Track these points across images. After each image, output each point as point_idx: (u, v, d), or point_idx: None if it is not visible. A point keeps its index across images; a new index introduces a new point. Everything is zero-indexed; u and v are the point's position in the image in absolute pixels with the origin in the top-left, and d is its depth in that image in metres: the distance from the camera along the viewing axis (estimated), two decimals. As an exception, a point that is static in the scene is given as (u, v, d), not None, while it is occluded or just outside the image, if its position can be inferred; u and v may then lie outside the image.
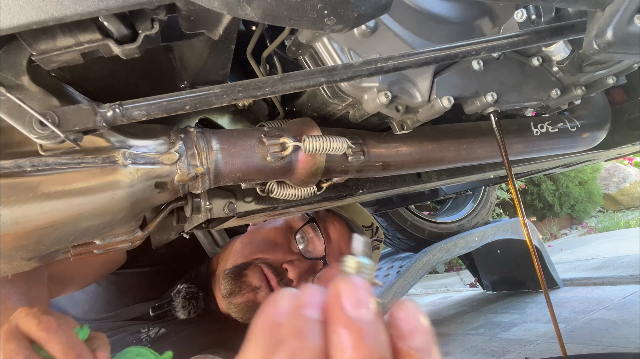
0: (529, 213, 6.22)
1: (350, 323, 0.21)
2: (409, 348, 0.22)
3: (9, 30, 0.40)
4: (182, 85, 0.71)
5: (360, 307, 0.22)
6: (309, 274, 1.12)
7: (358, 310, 0.22)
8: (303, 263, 1.11)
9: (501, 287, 3.26)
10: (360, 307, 0.22)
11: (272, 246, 1.13)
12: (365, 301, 0.22)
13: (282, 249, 1.13)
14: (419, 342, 0.22)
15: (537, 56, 0.83)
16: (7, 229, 0.51)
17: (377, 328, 0.21)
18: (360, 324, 0.21)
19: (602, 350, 1.82)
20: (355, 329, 0.21)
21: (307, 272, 1.12)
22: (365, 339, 0.21)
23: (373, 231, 1.24)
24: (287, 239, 1.16)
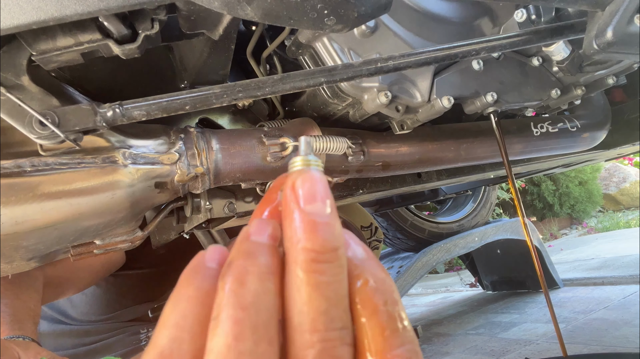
0: (529, 213, 6.22)
1: (304, 213, 0.21)
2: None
3: (9, 30, 0.40)
4: (182, 85, 0.71)
5: (315, 200, 0.21)
6: None
7: (312, 203, 0.21)
8: None
9: (501, 287, 3.26)
10: (315, 200, 0.21)
11: None
12: (319, 194, 0.21)
13: None
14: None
15: (537, 56, 0.83)
16: (7, 229, 0.51)
17: (332, 220, 0.21)
18: (315, 216, 0.21)
19: (602, 350, 1.82)
20: (309, 219, 0.21)
21: None
22: (320, 230, 0.20)
23: (372, 231, 1.24)
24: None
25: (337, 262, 0.21)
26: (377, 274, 0.22)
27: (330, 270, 0.21)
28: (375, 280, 0.22)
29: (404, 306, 0.22)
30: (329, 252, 0.21)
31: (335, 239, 0.21)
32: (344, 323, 0.20)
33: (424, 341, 2.46)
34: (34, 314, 0.83)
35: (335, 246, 0.21)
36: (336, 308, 0.20)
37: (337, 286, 0.21)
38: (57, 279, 0.99)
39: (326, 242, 0.21)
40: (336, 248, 0.21)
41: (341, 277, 0.21)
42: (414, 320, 3.10)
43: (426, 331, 2.63)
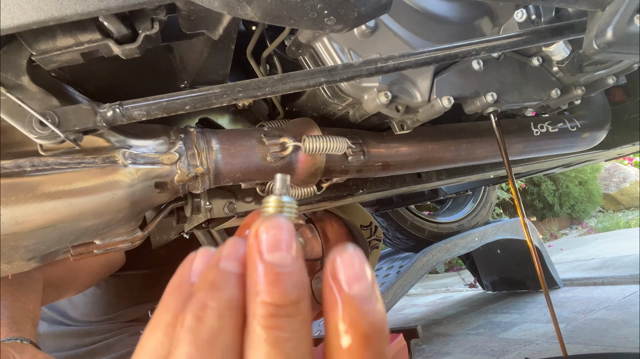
0: (529, 213, 6.22)
1: (265, 263, 0.20)
2: (347, 295, 0.20)
3: (9, 30, 0.40)
4: (182, 85, 0.71)
5: (277, 249, 0.20)
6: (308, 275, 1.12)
7: (274, 252, 0.20)
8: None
9: (501, 287, 3.27)
10: (277, 249, 0.20)
11: None
12: (283, 242, 0.21)
13: None
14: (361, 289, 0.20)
15: (537, 56, 0.83)
16: (7, 229, 0.51)
17: (295, 271, 0.20)
18: (276, 267, 0.20)
19: (602, 350, 1.82)
20: (270, 271, 0.20)
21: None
22: (280, 281, 0.20)
23: (372, 231, 1.24)
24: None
25: (298, 317, 0.20)
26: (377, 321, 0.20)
27: (290, 325, 0.20)
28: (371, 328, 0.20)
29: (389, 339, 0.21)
30: (289, 306, 0.20)
31: (297, 291, 0.20)
32: None
33: (424, 341, 2.46)
34: (33, 315, 0.83)
35: (296, 299, 0.20)
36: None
37: (297, 342, 0.20)
38: (57, 280, 0.99)
39: (287, 295, 0.20)
40: (297, 301, 0.20)
41: (302, 333, 0.20)
42: (414, 320, 3.10)
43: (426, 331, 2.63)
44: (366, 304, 0.20)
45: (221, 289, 0.20)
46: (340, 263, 0.21)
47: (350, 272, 0.21)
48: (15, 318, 0.78)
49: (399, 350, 1.39)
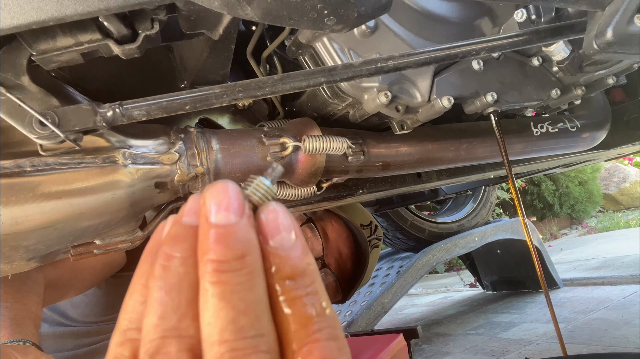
0: (529, 213, 6.22)
1: (209, 224, 0.21)
2: (271, 247, 0.22)
3: (9, 30, 0.40)
4: (182, 85, 0.71)
5: (223, 209, 0.22)
6: None
7: (219, 212, 0.22)
8: None
9: (501, 287, 3.27)
10: (223, 209, 0.22)
11: None
12: (227, 203, 0.22)
13: None
14: (281, 240, 0.22)
15: (537, 56, 0.83)
16: (7, 229, 0.51)
17: (238, 229, 0.21)
18: (220, 227, 0.21)
19: (602, 350, 1.82)
20: (215, 231, 0.21)
21: None
22: (223, 240, 0.21)
23: (372, 230, 1.24)
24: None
25: (243, 270, 0.21)
26: (297, 265, 0.22)
27: (236, 278, 0.21)
28: (293, 271, 0.22)
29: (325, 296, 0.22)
30: (233, 261, 0.21)
31: (241, 246, 0.21)
32: (257, 331, 0.20)
33: (424, 341, 2.46)
34: (35, 317, 0.83)
35: (240, 253, 0.21)
36: (246, 316, 0.20)
37: (245, 293, 0.21)
38: (58, 281, 0.99)
39: (230, 251, 0.21)
40: (242, 256, 0.21)
41: (251, 284, 0.21)
42: (414, 320, 3.10)
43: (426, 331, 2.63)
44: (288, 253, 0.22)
45: (183, 240, 0.22)
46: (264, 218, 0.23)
47: (272, 225, 0.23)
48: (18, 320, 0.78)
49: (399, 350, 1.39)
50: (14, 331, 0.75)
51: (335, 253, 1.17)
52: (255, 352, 0.20)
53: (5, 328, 0.75)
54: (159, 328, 0.21)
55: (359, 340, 1.12)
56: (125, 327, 0.22)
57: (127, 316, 0.23)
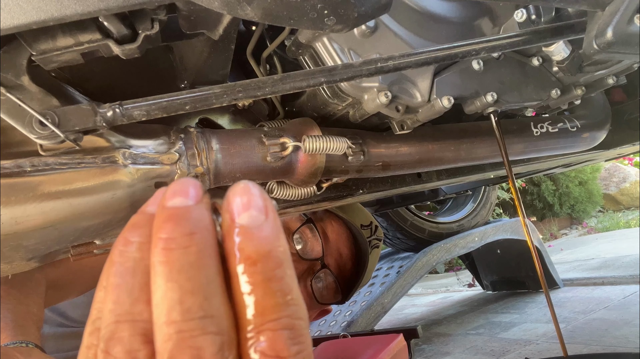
0: (529, 213, 6.22)
1: (164, 208, 0.21)
2: (237, 224, 0.21)
3: (9, 30, 0.40)
4: (182, 85, 0.71)
5: (178, 195, 0.22)
6: (307, 275, 1.12)
7: (174, 197, 0.22)
8: (300, 264, 1.11)
9: (501, 287, 3.27)
10: (178, 195, 0.22)
11: None
12: (185, 191, 0.22)
13: None
14: (248, 217, 0.22)
15: (537, 56, 0.83)
16: (7, 229, 0.51)
17: (189, 210, 0.21)
18: (172, 209, 0.21)
19: (602, 350, 1.82)
20: (167, 212, 0.21)
21: (304, 273, 1.11)
22: (173, 219, 0.21)
23: (372, 230, 1.24)
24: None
25: (192, 248, 0.21)
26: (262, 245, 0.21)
27: (184, 257, 0.20)
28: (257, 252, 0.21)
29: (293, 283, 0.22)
30: (182, 237, 0.21)
31: (190, 224, 0.21)
32: (205, 311, 0.20)
33: (424, 341, 2.46)
34: (37, 318, 0.83)
35: (189, 231, 0.21)
36: (193, 296, 0.20)
37: (194, 273, 0.20)
38: (59, 282, 0.99)
39: (178, 227, 0.21)
40: (191, 233, 0.21)
41: (200, 263, 0.21)
42: (414, 320, 3.10)
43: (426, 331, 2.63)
44: (254, 231, 0.21)
45: (141, 226, 0.22)
46: (232, 194, 0.23)
47: (240, 202, 0.22)
48: (20, 322, 0.78)
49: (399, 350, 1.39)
50: (17, 333, 0.75)
51: (335, 253, 1.17)
52: (204, 334, 0.20)
53: (8, 329, 0.75)
54: (113, 312, 0.21)
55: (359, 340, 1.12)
56: (94, 316, 0.23)
57: (96, 306, 0.23)
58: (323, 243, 1.14)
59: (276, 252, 0.21)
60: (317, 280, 1.13)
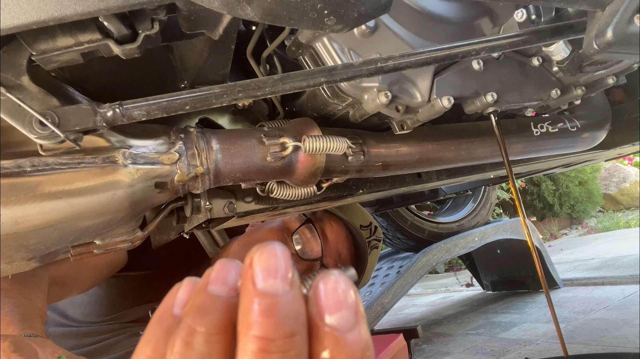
0: (529, 213, 6.22)
1: (258, 294, 0.19)
2: (327, 325, 0.19)
3: (9, 30, 0.40)
4: (182, 85, 0.71)
5: (272, 277, 0.19)
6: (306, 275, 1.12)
7: (268, 280, 0.19)
8: (299, 264, 1.11)
9: (501, 287, 3.27)
10: (272, 277, 0.19)
11: None
12: (279, 270, 0.19)
13: None
14: (340, 319, 0.19)
15: (537, 56, 0.83)
16: (7, 229, 0.51)
17: (290, 301, 0.19)
18: (270, 296, 0.19)
19: (602, 350, 1.82)
20: (263, 301, 0.18)
21: (304, 273, 1.11)
22: (272, 314, 0.18)
23: (371, 231, 1.24)
24: (284, 240, 1.16)
25: (291, 352, 0.18)
26: (355, 353, 0.19)
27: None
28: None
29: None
30: (282, 339, 0.18)
31: (292, 323, 0.19)
32: None
33: (424, 341, 2.46)
34: (42, 313, 0.83)
35: (290, 331, 0.18)
36: None
37: None
38: (62, 279, 0.99)
39: (280, 327, 0.18)
40: (292, 334, 0.19)
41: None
42: (414, 320, 3.10)
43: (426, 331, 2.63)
44: (346, 336, 0.19)
45: (209, 313, 0.19)
46: (322, 289, 0.20)
47: (331, 301, 0.20)
48: (26, 315, 0.78)
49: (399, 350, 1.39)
50: (24, 326, 0.75)
51: (334, 254, 1.17)
52: None
53: (15, 323, 0.75)
54: None
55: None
56: None
57: None
58: (322, 244, 1.14)
59: (367, 354, 0.19)
60: None
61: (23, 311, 0.78)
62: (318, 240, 1.14)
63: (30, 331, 0.75)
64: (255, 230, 1.22)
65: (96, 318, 1.18)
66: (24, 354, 0.64)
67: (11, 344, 0.65)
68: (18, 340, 0.67)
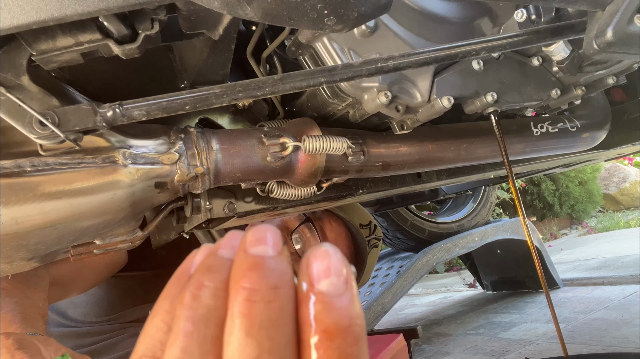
0: (529, 213, 6.22)
1: (247, 256, 0.20)
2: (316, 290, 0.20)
3: (9, 30, 0.40)
4: (182, 85, 0.71)
5: (261, 244, 0.21)
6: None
7: (257, 245, 0.21)
8: (299, 263, 1.11)
9: (501, 287, 3.27)
10: (261, 244, 0.21)
11: None
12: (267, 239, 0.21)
13: None
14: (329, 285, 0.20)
15: (537, 56, 0.83)
16: (7, 229, 0.51)
17: (276, 261, 0.20)
18: (256, 257, 0.20)
19: (602, 350, 1.82)
20: (251, 260, 0.20)
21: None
22: (259, 268, 0.20)
23: (371, 230, 1.24)
24: (284, 239, 1.16)
25: (276, 303, 0.20)
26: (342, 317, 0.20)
27: (266, 312, 0.19)
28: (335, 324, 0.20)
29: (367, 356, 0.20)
30: (267, 290, 0.20)
31: (276, 277, 0.20)
32: None
33: (424, 341, 2.46)
34: (43, 312, 0.83)
35: (274, 284, 0.20)
36: (271, 357, 0.19)
37: (274, 331, 0.19)
38: (62, 279, 0.99)
39: (264, 279, 0.20)
40: (276, 286, 0.20)
41: (281, 321, 0.20)
42: (414, 320, 3.10)
43: (426, 331, 2.63)
44: (334, 301, 0.20)
45: (217, 271, 0.21)
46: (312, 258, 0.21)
47: (321, 267, 0.21)
48: (28, 314, 0.78)
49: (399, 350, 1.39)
50: (26, 325, 0.75)
51: None
52: None
53: (17, 322, 0.75)
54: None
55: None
56: (141, 353, 0.22)
57: (146, 342, 0.22)
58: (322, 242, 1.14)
59: (355, 327, 0.20)
60: None
61: (25, 311, 0.79)
62: (317, 239, 1.14)
63: (33, 331, 0.75)
64: (255, 229, 1.22)
65: (96, 318, 1.18)
66: (28, 352, 0.64)
67: (15, 342, 0.65)
68: (21, 338, 0.67)
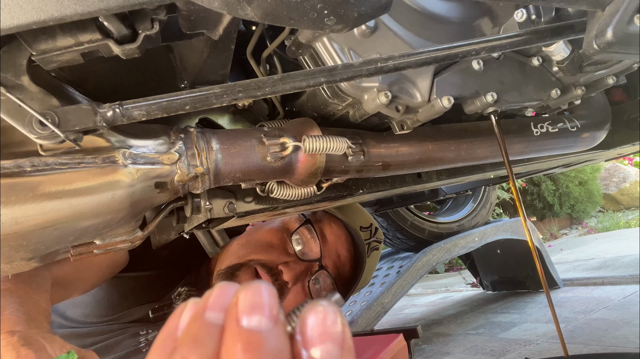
0: (529, 213, 6.22)
1: (240, 331, 0.19)
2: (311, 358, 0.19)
3: (9, 30, 0.40)
4: (182, 85, 0.71)
5: (256, 314, 0.19)
6: (305, 276, 1.12)
7: (252, 317, 0.19)
8: (298, 264, 1.11)
9: (501, 287, 3.26)
10: (256, 314, 0.19)
11: (267, 248, 1.13)
12: (263, 305, 0.20)
13: (278, 250, 1.13)
14: (325, 352, 0.19)
15: (537, 56, 0.83)
16: (7, 229, 0.51)
17: (273, 337, 0.19)
18: (252, 334, 0.19)
19: (602, 350, 1.82)
20: (245, 338, 0.19)
21: (302, 274, 1.11)
22: (256, 350, 0.18)
23: (372, 232, 1.24)
24: (283, 240, 1.16)
25: None
26: None
27: None
28: None
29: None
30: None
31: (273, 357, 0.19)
32: None
33: (424, 341, 2.46)
34: (46, 313, 0.83)
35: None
36: None
37: None
38: (64, 279, 0.99)
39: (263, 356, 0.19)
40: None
41: None
42: (414, 320, 3.10)
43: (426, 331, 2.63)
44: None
45: (203, 344, 0.19)
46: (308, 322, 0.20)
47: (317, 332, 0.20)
48: (31, 314, 0.78)
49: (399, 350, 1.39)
50: (30, 326, 0.75)
51: (333, 255, 1.16)
52: None
53: (21, 322, 0.75)
54: None
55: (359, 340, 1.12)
56: None
57: None
58: (321, 245, 1.14)
59: None
60: (314, 281, 1.13)
61: (28, 311, 0.79)
62: (317, 241, 1.14)
63: (37, 330, 0.75)
64: (255, 230, 1.23)
65: (96, 319, 1.17)
66: (33, 348, 0.65)
67: (20, 339, 0.65)
68: (27, 335, 0.67)
